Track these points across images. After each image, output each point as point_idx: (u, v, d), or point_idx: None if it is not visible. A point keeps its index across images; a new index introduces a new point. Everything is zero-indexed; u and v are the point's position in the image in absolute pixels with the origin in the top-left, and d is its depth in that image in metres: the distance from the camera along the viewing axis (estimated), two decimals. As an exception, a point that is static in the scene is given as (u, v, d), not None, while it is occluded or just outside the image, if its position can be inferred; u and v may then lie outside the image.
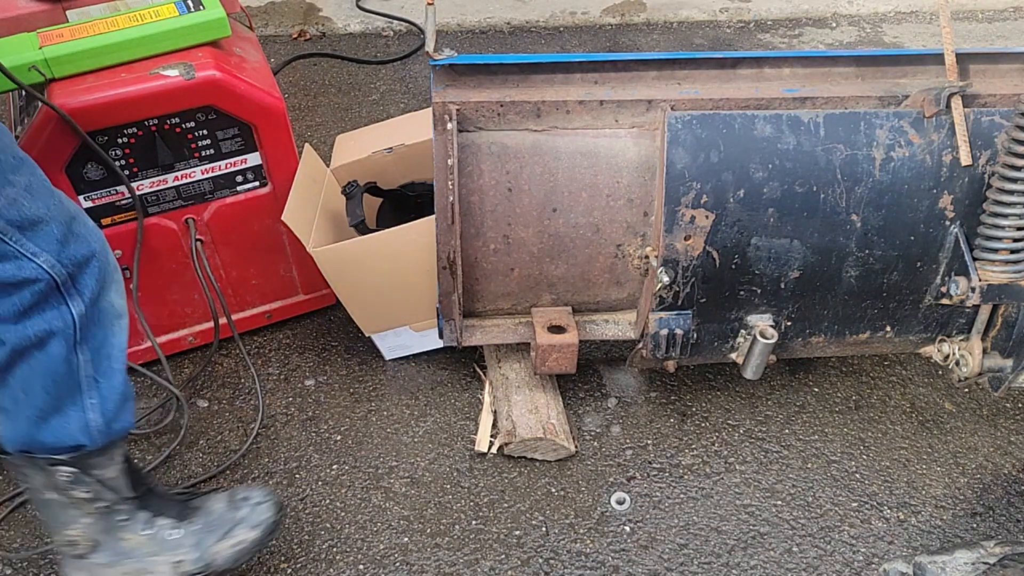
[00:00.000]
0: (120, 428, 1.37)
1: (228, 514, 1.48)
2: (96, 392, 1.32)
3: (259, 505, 1.50)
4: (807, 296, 1.69)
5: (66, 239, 1.23)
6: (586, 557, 1.68)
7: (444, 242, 1.62)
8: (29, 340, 1.24)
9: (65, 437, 1.32)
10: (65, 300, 1.24)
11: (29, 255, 1.19)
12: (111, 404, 1.34)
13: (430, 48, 1.53)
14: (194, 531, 1.45)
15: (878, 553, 1.69)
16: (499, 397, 1.90)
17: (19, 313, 1.22)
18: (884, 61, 1.64)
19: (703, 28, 3.52)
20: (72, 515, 1.37)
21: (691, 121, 1.53)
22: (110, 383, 1.33)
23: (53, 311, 1.24)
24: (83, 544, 1.39)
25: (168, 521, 1.44)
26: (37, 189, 1.21)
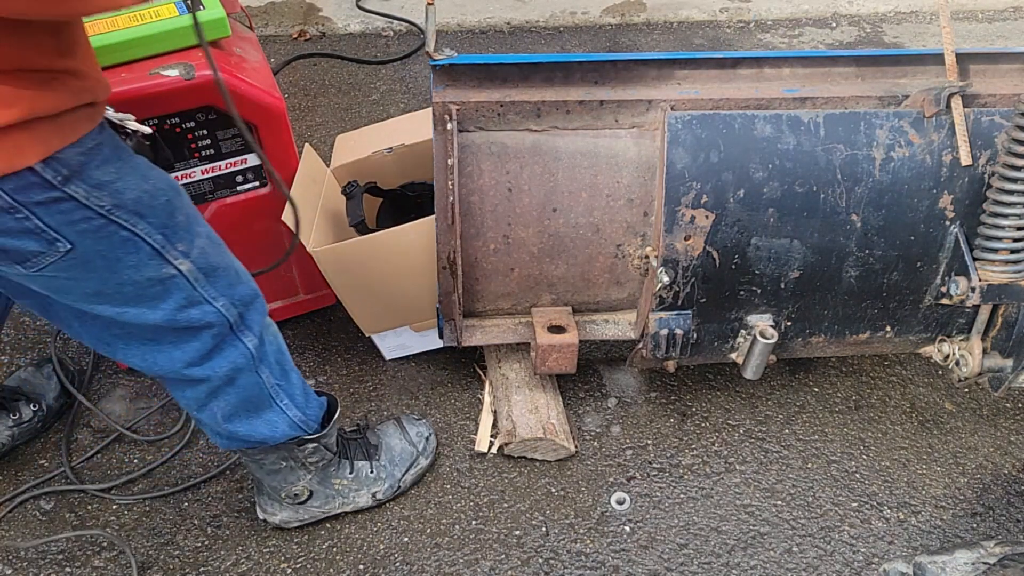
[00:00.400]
0: (315, 410, 1.58)
1: (409, 448, 1.79)
2: (284, 393, 1.50)
3: (429, 437, 1.83)
4: (807, 296, 1.69)
5: (235, 282, 1.34)
6: (586, 557, 1.68)
7: (444, 242, 1.62)
8: (220, 379, 1.39)
9: (278, 436, 1.52)
10: (239, 338, 1.37)
11: (210, 299, 1.30)
12: (299, 397, 1.53)
13: (430, 48, 1.53)
14: (383, 465, 1.75)
15: (878, 553, 1.69)
16: (499, 397, 1.90)
17: (204, 356, 1.35)
18: (884, 61, 1.63)
19: (703, 28, 3.52)
20: (299, 475, 1.63)
21: (691, 121, 1.53)
22: (289, 381, 1.51)
23: (232, 349, 1.37)
24: (304, 494, 1.66)
25: (364, 463, 1.73)
26: (214, 238, 1.32)
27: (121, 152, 1.18)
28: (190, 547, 1.69)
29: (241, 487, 1.79)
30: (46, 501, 1.77)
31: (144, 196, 1.18)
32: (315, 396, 1.59)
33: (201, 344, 1.34)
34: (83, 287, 1.24)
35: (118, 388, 1.99)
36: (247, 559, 1.67)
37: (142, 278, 1.23)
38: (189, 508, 1.76)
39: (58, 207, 1.10)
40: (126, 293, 1.24)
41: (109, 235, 1.16)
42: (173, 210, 1.23)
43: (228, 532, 1.72)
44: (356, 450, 1.73)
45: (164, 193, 1.22)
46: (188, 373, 1.37)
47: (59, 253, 1.14)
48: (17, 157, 1.03)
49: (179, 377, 1.39)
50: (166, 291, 1.26)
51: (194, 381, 1.39)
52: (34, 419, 1.84)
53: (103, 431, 1.90)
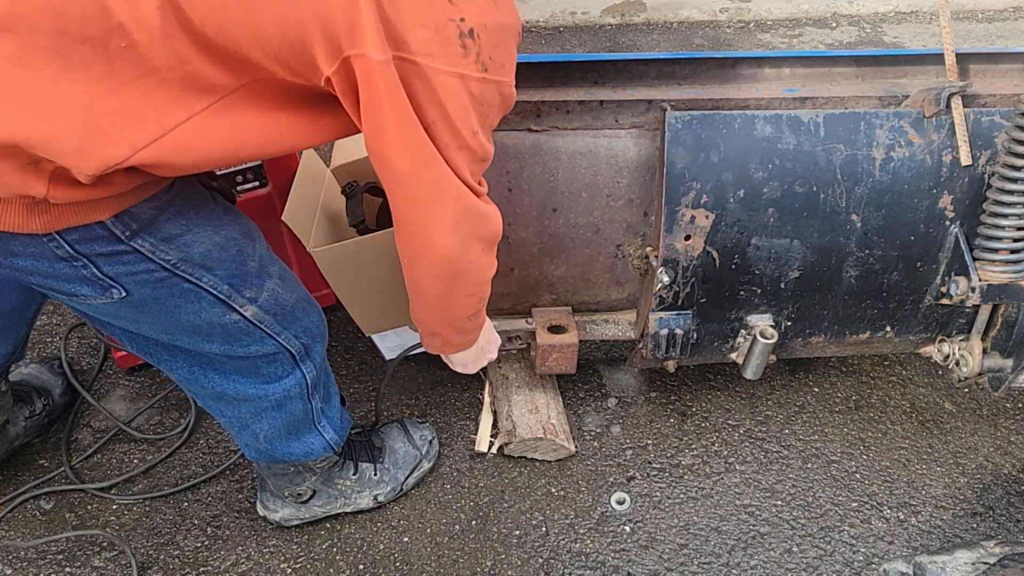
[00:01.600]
0: (347, 430, 1.63)
1: (412, 451, 1.79)
2: (325, 418, 1.53)
3: (432, 441, 1.83)
4: (807, 296, 1.69)
5: (302, 316, 1.36)
6: (586, 557, 1.68)
7: (444, 242, 1.61)
8: (270, 402, 1.40)
9: (311, 455, 1.56)
10: (300, 367, 1.39)
11: (274, 335, 1.31)
12: (336, 420, 1.57)
13: (430, 48, 1.53)
14: (387, 468, 1.75)
15: (878, 553, 1.69)
16: (499, 397, 1.90)
17: (263, 381, 1.37)
18: (884, 61, 1.64)
19: (703, 28, 3.52)
20: (305, 476, 1.64)
21: (691, 121, 1.53)
22: (331, 405, 1.55)
23: (290, 377, 1.39)
24: (307, 493, 1.66)
25: (368, 465, 1.73)
26: (286, 275, 1.34)
27: (195, 202, 1.15)
28: (190, 547, 1.69)
29: (241, 487, 1.79)
30: (46, 501, 1.77)
31: (213, 249, 1.17)
32: (348, 415, 1.62)
33: (253, 369, 1.34)
34: (134, 320, 1.22)
35: (118, 388, 1.99)
36: (247, 559, 1.67)
37: (202, 322, 1.21)
38: (189, 508, 1.76)
39: (121, 259, 1.07)
40: (182, 330, 1.23)
41: (170, 287, 1.14)
42: (244, 258, 1.22)
43: (228, 532, 1.72)
44: (360, 452, 1.74)
45: (236, 243, 1.20)
46: (234, 392, 1.37)
47: (112, 299, 1.12)
48: (91, 211, 1.01)
49: (222, 395, 1.37)
50: (226, 331, 1.25)
51: (239, 400, 1.39)
52: (43, 412, 1.85)
53: (103, 431, 1.90)
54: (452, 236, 1.13)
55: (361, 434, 1.77)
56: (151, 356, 1.35)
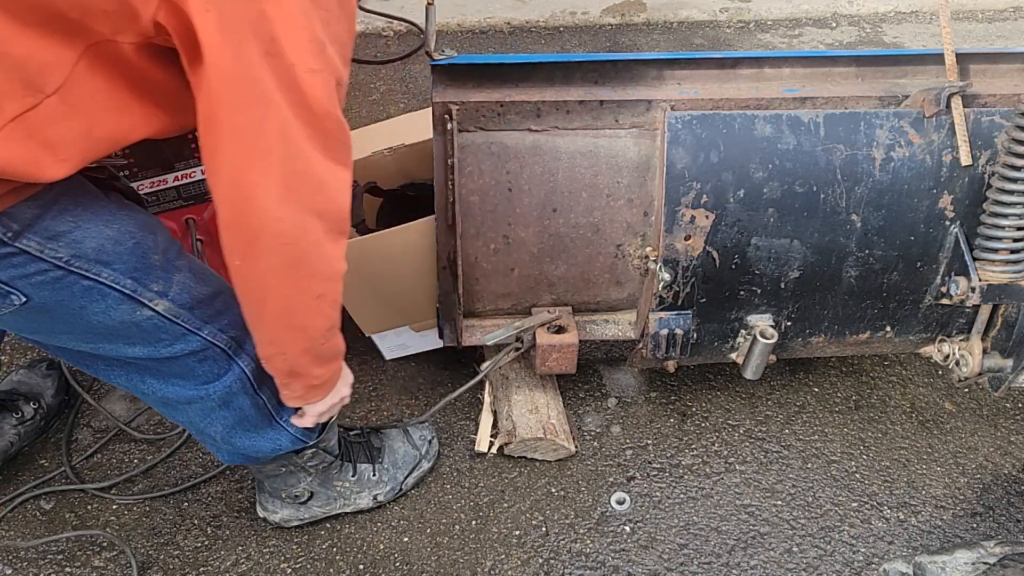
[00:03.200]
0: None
1: (412, 451, 1.78)
2: (286, 412, 1.46)
3: (431, 441, 1.82)
4: (807, 296, 1.69)
5: (225, 309, 1.29)
6: (586, 557, 1.68)
7: (444, 242, 1.62)
8: (214, 401, 1.36)
9: (279, 450, 1.51)
10: (235, 361, 1.34)
11: (194, 330, 1.26)
12: None
13: (430, 48, 1.53)
14: (386, 468, 1.75)
15: (878, 553, 1.69)
16: (499, 397, 1.90)
17: (201, 383, 1.33)
18: (884, 61, 1.64)
19: (703, 28, 3.52)
20: (300, 477, 1.63)
21: (691, 121, 1.53)
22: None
23: (228, 375, 1.34)
24: (304, 495, 1.66)
25: (367, 465, 1.73)
26: (197, 268, 1.29)
27: (83, 199, 1.11)
28: (190, 547, 1.69)
29: (241, 487, 1.79)
30: (46, 501, 1.76)
31: (107, 243, 1.12)
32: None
33: (187, 370, 1.30)
34: (49, 328, 1.19)
35: (118, 388, 1.99)
36: (247, 559, 1.67)
37: (113, 322, 1.17)
38: (189, 508, 1.76)
39: (9, 262, 1.04)
40: (98, 333, 1.19)
41: (69, 286, 1.10)
42: (145, 252, 1.17)
43: (228, 532, 1.72)
44: (359, 453, 1.73)
45: (132, 236, 1.15)
46: (175, 395, 1.33)
47: (13, 305, 1.08)
48: None
49: (166, 400, 1.35)
50: (142, 330, 1.21)
51: (184, 403, 1.36)
52: (36, 417, 1.84)
53: (103, 431, 1.89)
54: (283, 205, 1.02)
55: (360, 435, 1.77)
56: (89, 368, 1.32)
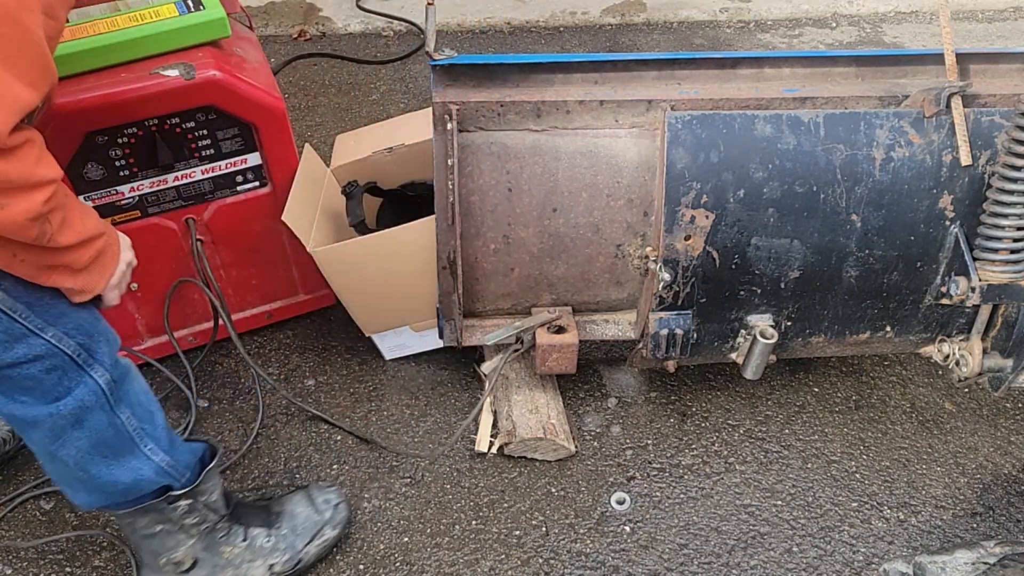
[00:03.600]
0: (184, 456, 1.43)
1: (314, 516, 1.62)
2: (148, 437, 1.36)
3: (338, 505, 1.65)
4: (807, 296, 1.69)
5: (69, 309, 1.21)
6: (586, 557, 1.68)
7: (444, 242, 1.62)
8: (66, 419, 1.25)
9: (144, 486, 1.38)
10: (87, 372, 1.24)
11: (36, 331, 1.18)
12: (164, 440, 1.39)
13: (430, 48, 1.53)
14: (284, 535, 1.59)
15: (878, 553, 1.69)
16: (499, 397, 1.90)
17: (50, 399, 1.23)
18: (884, 61, 1.64)
19: (703, 28, 3.52)
20: (179, 539, 1.48)
21: (691, 121, 1.53)
22: (155, 424, 1.38)
23: (80, 387, 1.24)
24: (187, 562, 1.49)
25: (260, 530, 1.57)
26: None
27: None
28: (190, 547, 1.69)
29: (241, 487, 1.79)
30: (46, 501, 1.76)
31: None
32: (183, 442, 1.45)
33: (33, 383, 1.20)
34: None
35: (118, 388, 1.99)
36: (247, 559, 1.67)
37: None
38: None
39: None
40: None
41: None
42: None
43: (228, 532, 1.72)
44: (252, 516, 1.59)
45: None
46: (22, 414, 1.23)
47: None
48: None
49: (13, 418, 1.25)
50: None
51: (33, 424, 1.24)
52: None
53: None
54: None
55: (260, 499, 1.64)
56: None
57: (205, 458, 1.49)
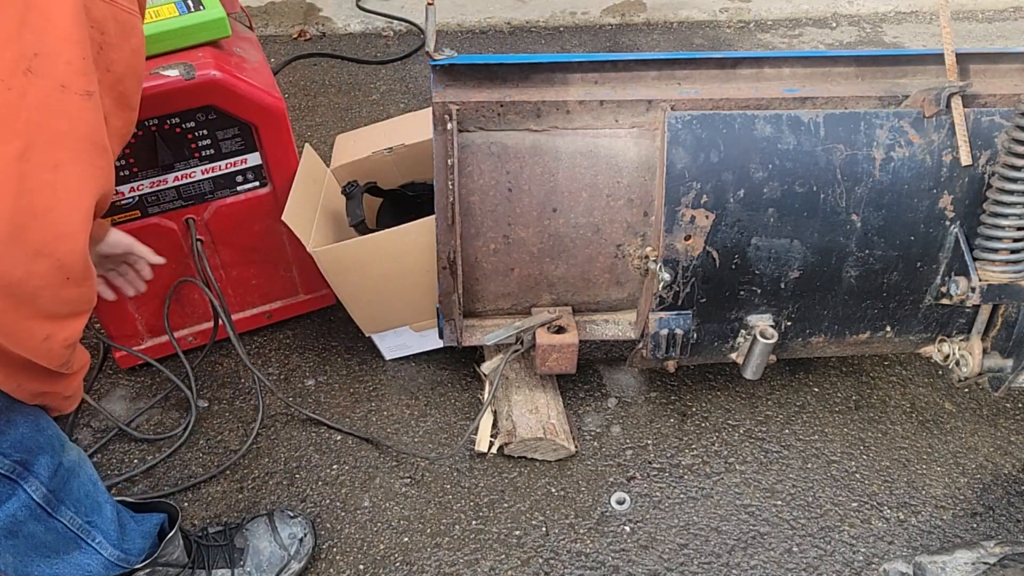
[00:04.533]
0: (136, 542, 1.38)
1: (278, 552, 1.59)
2: (96, 530, 1.30)
3: (303, 539, 1.63)
4: (807, 296, 1.69)
5: (8, 427, 1.14)
6: (586, 557, 1.68)
7: (444, 242, 1.62)
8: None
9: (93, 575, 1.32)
10: (21, 486, 1.17)
11: None
12: (113, 533, 1.34)
13: (430, 48, 1.53)
14: (248, 572, 1.56)
15: (878, 553, 1.69)
16: (499, 397, 1.90)
17: None
18: (884, 61, 1.63)
19: (703, 28, 3.52)
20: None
21: (691, 121, 1.53)
22: (103, 516, 1.32)
23: (11, 501, 1.17)
24: None
25: (223, 571, 1.54)
26: None
27: None
28: (190, 547, 1.69)
29: (241, 487, 1.80)
30: None
31: None
32: (135, 525, 1.40)
33: None
34: None
35: (118, 388, 1.99)
36: (247, 559, 1.67)
37: None
38: (189, 508, 1.76)
39: None
40: None
41: None
42: None
43: (228, 532, 1.72)
44: (216, 556, 1.55)
45: None
46: None
47: None
48: None
49: None
50: None
51: None
52: None
53: (103, 431, 1.89)
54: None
55: (222, 534, 1.59)
56: None
57: (165, 528, 1.45)
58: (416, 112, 2.24)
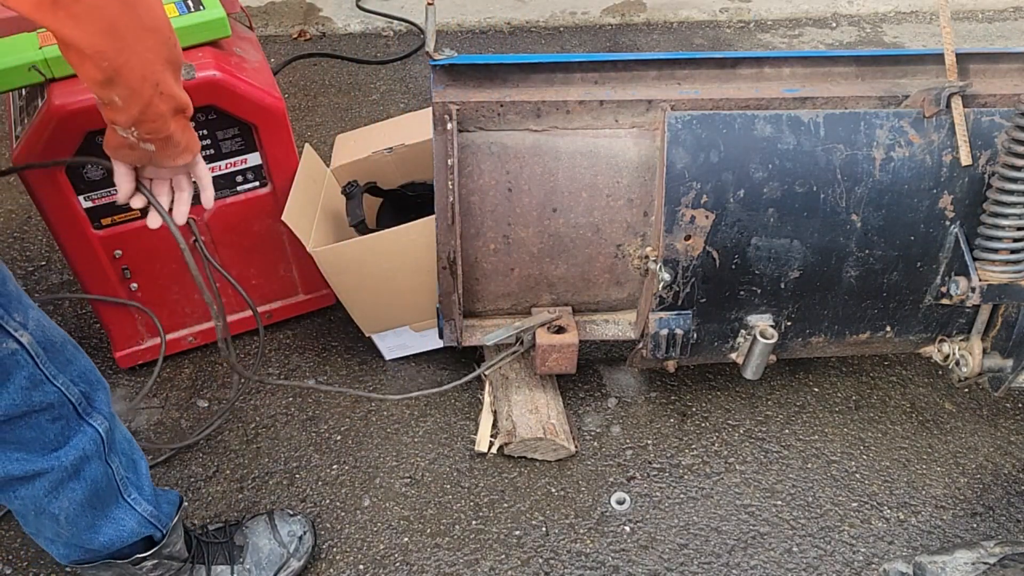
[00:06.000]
0: (167, 507, 1.41)
1: (278, 550, 1.60)
2: (133, 487, 1.33)
3: (303, 536, 1.63)
4: (807, 296, 1.69)
5: (73, 358, 1.20)
6: (586, 557, 1.68)
7: (444, 242, 1.62)
8: (66, 471, 1.21)
9: (125, 537, 1.34)
10: (87, 421, 1.22)
11: (51, 377, 1.15)
12: (148, 490, 1.37)
13: (430, 48, 1.53)
14: (248, 570, 1.56)
15: (878, 553, 1.69)
16: (499, 397, 1.90)
17: (52, 448, 1.19)
18: (884, 61, 1.64)
19: (703, 28, 3.52)
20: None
21: (691, 121, 1.53)
22: (138, 473, 1.35)
23: (81, 435, 1.21)
24: None
25: (223, 567, 1.54)
26: (41, 312, 1.17)
27: None
28: (190, 547, 1.69)
29: (241, 487, 1.80)
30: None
31: None
32: (163, 491, 1.44)
33: (36, 434, 1.17)
34: None
35: (118, 388, 1.99)
36: (247, 559, 1.67)
37: None
38: (189, 508, 1.76)
39: None
40: None
41: None
42: (4, 278, 1.09)
43: (228, 532, 1.72)
44: (216, 553, 1.55)
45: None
46: (20, 470, 1.18)
47: None
48: None
49: (10, 477, 1.19)
50: (6, 371, 1.09)
51: (30, 477, 1.19)
52: None
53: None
54: None
55: (222, 532, 1.60)
56: None
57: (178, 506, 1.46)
58: (416, 112, 2.24)
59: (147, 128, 1.07)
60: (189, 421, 1.92)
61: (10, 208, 2.50)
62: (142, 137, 1.08)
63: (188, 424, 1.91)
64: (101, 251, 1.78)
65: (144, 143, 1.10)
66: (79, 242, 1.74)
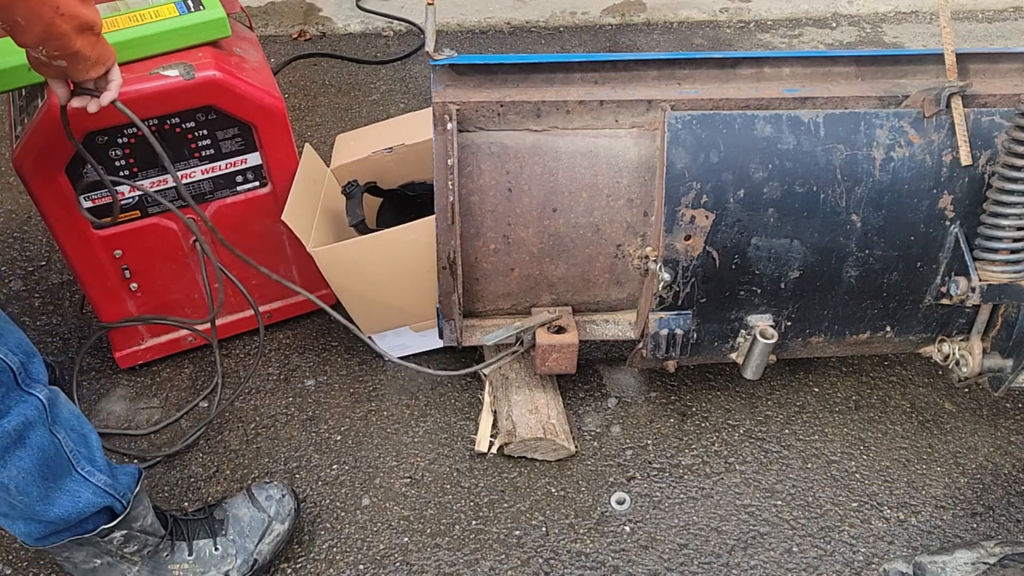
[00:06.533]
0: (124, 479, 1.41)
1: (258, 515, 1.60)
2: (84, 459, 1.34)
3: (282, 499, 1.63)
4: (807, 296, 1.69)
5: (6, 330, 1.22)
6: (586, 557, 1.68)
7: (444, 242, 1.62)
8: (10, 437, 1.23)
9: (83, 508, 1.35)
10: (27, 390, 1.24)
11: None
12: (102, 462, 1.38)
13: (430, 48, 1.53)
14: (232, 540, 1.56)
15: (878, 553, 1.69)
16: (499, 397, 1.90)
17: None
18: (884, 61, 1.64)
19: (703, 28, 3.52)
20: (122, 570, 1.45)
21: (691, 121, 1.53)
22: (89, 447, 1.36)
23: (23, 403, 1.23)
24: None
25: (206, 541, 1.55)
26: None
27: None
28: (190, 547, 1.69)
29: (241, 487, 1.79)
30: None
31: None
32: (120, 466, 1.44)
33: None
34: None
35: (118, 388, 1.99)
36: (247, 559, 1.67)
37: None
38: (189, 508, 1.76)
39: None
40: None
41: None
42: None
43: (228, 532, 1.72)
44: (196, 529, 1.55)
45: None
46: None
47: None
48: None
49: None
50: None
51: None
52: None
53: (103, 431, 1.89)
54: None
55: (201, 511, 1.60)
56: None
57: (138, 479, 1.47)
58: (416, 112, 2.24)
59: (53, 46, 1.18)
60: (189, 421, 1.92)
61: (10, 208, 2.50)
62: (50, 55, 1.20)
63: (188, 424, 1.91)
64: (101, 251, 1.78)
65: (55, 60, 1.21)
66: (79, 242, 1.74)
